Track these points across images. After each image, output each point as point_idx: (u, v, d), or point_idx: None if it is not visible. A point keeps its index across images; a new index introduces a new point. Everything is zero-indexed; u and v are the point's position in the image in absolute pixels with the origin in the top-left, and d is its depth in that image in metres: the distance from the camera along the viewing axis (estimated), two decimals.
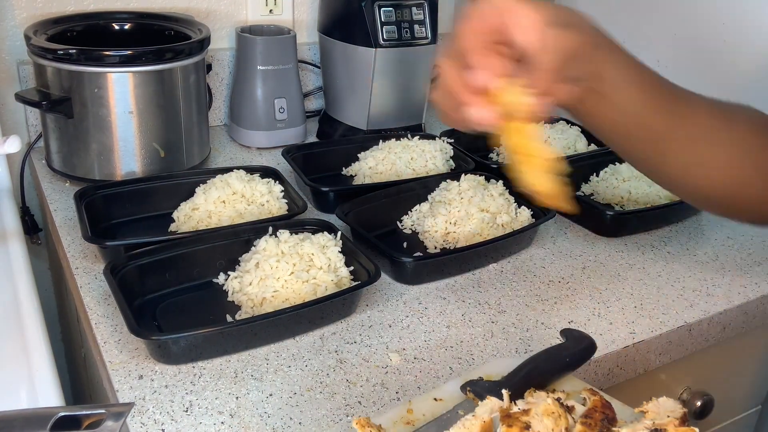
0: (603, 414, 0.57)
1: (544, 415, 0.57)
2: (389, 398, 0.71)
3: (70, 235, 0.96)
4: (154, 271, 0.84)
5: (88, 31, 1.14)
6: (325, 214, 1.04)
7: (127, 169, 1.08)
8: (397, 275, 0.91)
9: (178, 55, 1.06)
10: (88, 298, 0.84)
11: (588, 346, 0.69)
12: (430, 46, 1.29)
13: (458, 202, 1.01)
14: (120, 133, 1.05)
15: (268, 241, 0.87)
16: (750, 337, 1.01)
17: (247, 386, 0.71)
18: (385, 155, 1.16)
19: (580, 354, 0.69)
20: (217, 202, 0.97)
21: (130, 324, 0.71)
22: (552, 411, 0.57)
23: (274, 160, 1.22)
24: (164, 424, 0.66)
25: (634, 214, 1.07)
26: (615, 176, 1.16)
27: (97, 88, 1.02)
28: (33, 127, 1.22)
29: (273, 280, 0.82)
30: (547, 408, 0.58)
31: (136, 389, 0.70)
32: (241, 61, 1.27)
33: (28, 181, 1.20)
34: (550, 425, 0.56)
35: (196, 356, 0.74)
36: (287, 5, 1.38)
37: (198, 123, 1.15)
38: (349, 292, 0.81)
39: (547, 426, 0.56)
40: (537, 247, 1.02)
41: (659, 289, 0.93)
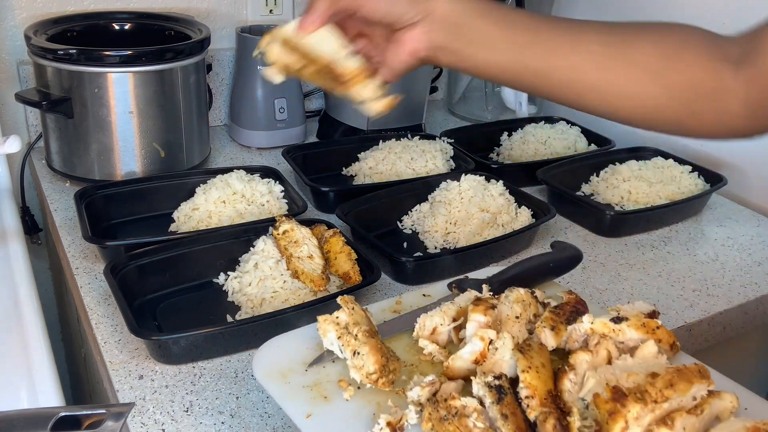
0: (574, 308, 0.60)
1: (514, 302, 0.61)
2: None
3: (70, 235, 0.96)
4: (154, 271, 0.84)
5: (88, 31, 1.14)
6: (325, 214, 1.04)
7: (127, 169, 1.08)
8: (397, 275, 0.91)
9: (178, 55, 1.06)
10: (88, 298, 0.84)
11: (573, 255, 0.72)
12: None
13: (458, 202, 1.01)
14: (120, 133, 1.05)
15: (266, 241, 0.87)
16: (750, 337, 1.01)
17: (248, 386, 0.71)
18: (385, 155, 1.16)
19: (565, 261, 0.72)
20: (217, 202, 0.97)
21: (130, 324, 0.71)
22: (522, 299, 0.62)
23: (274, 160, 1.22)
24: (164, 424, 0.66)
25: (634, 214, 1.07)
26: (615, 176, 1.16)
27: (97, 88, 1.02)
28: (33, 127, 1.22)
29: (272, 280, 0.82)
30: (518, 296, 0.62)
31: (136, 389, 0.70)
32: (241, 61, 1.27)
33: (28, 181, 1.20)
34: (518, 309, 0.60)
35: (196, 356, 0.74)
36: (287, 5, 1.38)
37: (198, 123, 1.15)
38: (349, 292, 0.81)
39: (516, 310, 0.60)
40: (537, 247, 1.02)
41: (659, 289, 0.93)
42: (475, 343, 0.57)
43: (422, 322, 0.62)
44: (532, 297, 0.63)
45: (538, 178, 1.12)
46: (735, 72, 0.60)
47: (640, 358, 0.54)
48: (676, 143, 1.31)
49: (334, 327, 0.59)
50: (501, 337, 0.56)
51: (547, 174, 1.12)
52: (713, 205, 1.18)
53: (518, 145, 1.29)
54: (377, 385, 0.56)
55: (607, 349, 0.55)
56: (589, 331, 0.57)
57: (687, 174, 1.16)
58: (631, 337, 0.56)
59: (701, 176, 1.17)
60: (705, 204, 1.16)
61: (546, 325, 0.58)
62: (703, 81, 0.62)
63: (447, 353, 0.60)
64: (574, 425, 0.49)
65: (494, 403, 0.51)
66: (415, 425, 0.53)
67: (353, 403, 0.56)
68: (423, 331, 0.62)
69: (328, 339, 0.59)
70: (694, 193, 1.13)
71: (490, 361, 0.56)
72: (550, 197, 1.13)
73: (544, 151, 1.27)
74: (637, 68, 0.64)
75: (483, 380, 0.53)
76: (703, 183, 1.16)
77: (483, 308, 0.60)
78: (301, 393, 0.57)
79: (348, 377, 0.58)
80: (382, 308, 0.67)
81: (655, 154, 1.23)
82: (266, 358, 0.61)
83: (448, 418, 0.51)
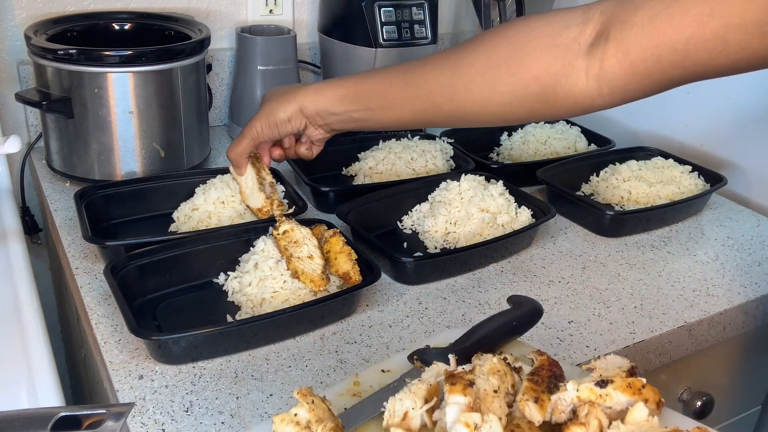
0: (550, 371, 0.57)
1: (490, 374, 0.56)
2: None
3: (70, 235, 0.96)
4: (154, 271, 0.84)
5: (88, 31, 1.14)
6: (325, 214, 1.04)
7: (127, 169, 1.08)
8: (397, 275, 0.91)
9: (178, 55, 1.06)
10: (88, 298, 0.84)
11: (532, 309, 0.68)
12: (431, 46, 1.29)
13: (458, 202, 1.01)
14: (120, 133, 1.05)
15: (266, 241, 0.87)
16: (750, 337, 1.01)
17: (248, 386, 0.71)
18: (385, 155, 1.16)
19: (526, 318, 0.68)
20: (216, 202, 0.97)
21: (130, 324, 0.71)
22: (497, 369, 0.57)
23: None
24: (165, 424, 0.66)
25: (634, 214, 1.07)
26: (615, 176, 1.16)
27: (97, 88, 1.02)
28: (33, 127, 1.22)
29: (272, 280, 0.82)
30: (492, 366, 0.57)
31: (136, 389, 0.70)
32: (241, 61, 1.27)
33: (28, 181, 1.20)
34: (495, 383, 0.55)
35: (196, 356, 0.74)
36: (287, 5, 1.38)
37: (198, 123, 1.15)
38: (349, 292, 0.81)
39: (493, 384, 0.55)
40: (537, 247, 1.02)
41: (659, 289, 0.93)
42: (460, 430, 0.50)
43: (391, 408, 0.55)
44: (505, 365, 0.58)
45: (538, 178, 1.12)
46: (588, 50, 0.61)
47: (633, 424, 0.51)
48: (676, 143, 1.31)
49: (294, 428, 0.52)
50: (486, 420, 0.51)
51: (547, 174, 1.12)
52: (713, 205, 1.18)
53: (518, 145, 1.29)
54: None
55: (597, 418, 0.51)
56: (576, 399, 0.52)
57: (687, 174, 1.16)
58: (618, 401, 0.52)
59: (701, 176, 1.17)
60: (705, 204, 1.16)
61: (528, 397, 0.53)
62: (546, 72, 0.64)
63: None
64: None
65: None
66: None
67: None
68: (393, 419, 0.55)
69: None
70: (694, 193, 1.13)
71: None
72: (550, 197, 1.13)
73: (544, 151, 1.27)
74: (474, 82, 0.68)
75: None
76: (703, 183, 1.16)
77: (461, 387, 0.53)
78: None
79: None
80: (340, 392, 0.60)
81: (655, 154, 1.23)
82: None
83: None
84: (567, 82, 0.63)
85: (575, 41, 0.62)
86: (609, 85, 0.62)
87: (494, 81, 0.67)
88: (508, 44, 0.66)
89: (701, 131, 1.29)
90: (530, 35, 0.65)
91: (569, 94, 0.64)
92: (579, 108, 0.66)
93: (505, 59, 0.66)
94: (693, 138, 1.30)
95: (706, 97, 1.27)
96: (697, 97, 1.28)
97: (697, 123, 1.29)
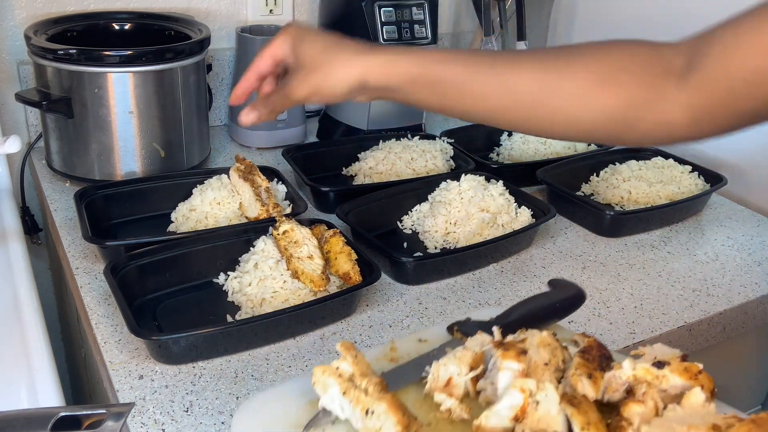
0: (600, 352, 0.54)
1: (540, 347, 0.54)
2: None
3: (70, 235, 0.96)
4: (154, 271, 0.84)
5: (88, 31, 1.14)
6: (325, 214, 1.04)
7: (127, 169, 1.08)
8: (397, 275, 0.91)
9: (178, 55, 1.06)
10: (88, 298, 0.84)
11: (576, 293, 0.67)
12: (430, 46, 1.29)
13: (458, 202, 1.01)
14: (120, 133, 1.05)
15: (266, 241, 0.87)
16: (750, 337, 1.01)
17: (248, 386, 0.71)
18: (385, 155, 1.16)
19: (569, 301, 0.67)
20: (213, 203, 0.97)
21: (130, 324, 0.71)
22: (548, 343, 0.54)
23: (274, 160, 1.22)
24: (164, 424, 0.66)
25: (634, 214, 1.07)
26: (615, 176, 1.16)
27: (97, 88, 1.02)
28: (33, 127, 1.22)
29: (272, 280, 0.82)
30: (542, 340, 0.54)
31: (136, 389, 0.70)
32: (241, 61, 1.27)
33: (28, 181, 1.20)
34: (546, 356, 0.53)
35: (196, 356, 0.74)
36: (287, 5, 1.38)
37: (198, 123, 1.15)
38: (349, 292, 0.81)
39: (543, 357, 0.53)
40: (537, 247, 1.02)
41: (659, 289, 0.93)
42: (515, 396, 0.48)
43: (435, 372, 0.53)
44: (555, 340, 0.55)
45: (538, 178, 1.12)
46: (677, 81, 0.60)
47: (689, 408, 0.49)
48: None
49: (337, 380, 0.50)
50: (542, 387, 0.48)
51: (547, 174, 1.12)
52: (713, 205, 1.18)
53: (518, 145, 1.29)
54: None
55: (653, 399, 0.50)
56: (631, 378, 0.51)
57: (687, 174, 1.16)
58: (674, 384, 0.51)
59: (701, 176, 1.17)
60: (705, 204, 1.16)
61: (582, 373, 0.51)
62: (640, 97, 0.62)
63: (467, 409, 0.52)
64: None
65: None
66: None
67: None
68: (437, 383, 0.53)
69: (328, 396, 0.50)
70: (694, 193, 1.13)
71: (533, 418, 0.48)
72: (550, 197, 1.13)
73: (544, 151, 1.27)
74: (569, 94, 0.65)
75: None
76: (703, 183, 1.16)
77: (514, 353, 0.52)
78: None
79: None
80: (377, 357, 0.59)
81: (655, 154, 1.22)
82: (249, 420, 0.52)
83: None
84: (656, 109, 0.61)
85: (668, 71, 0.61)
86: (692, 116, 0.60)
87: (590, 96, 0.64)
88: (612, 63, 0.64)
89: None
90: (633, 58, 0.64)
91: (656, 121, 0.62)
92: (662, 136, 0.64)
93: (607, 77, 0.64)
94: None
95: None
96: None
97: None
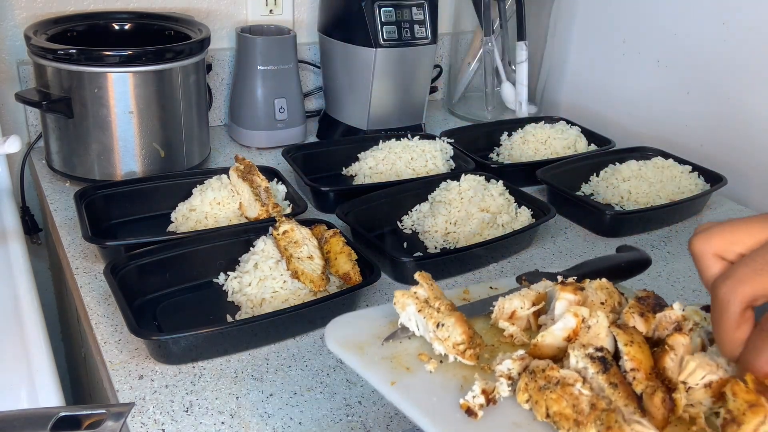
0: (656, 301, 0.58)
1: (598, 289, 0.60)
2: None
3: (70, 235, 0.96)
4: (154, 271, 0.84)
5: (88, 31, 1.14)
6: (325, 214, 1.04)
7: (127, 169, 1.08)
8: (397, 275, 0.91)
9: (178, 55, 1.06)
10: (88, 298, 0.84)
11: (642, 257, 0.73)
12: (430, 46, 1.29)
13: (458, 202, 1.01)
14: (120, 133, 1.05)
15: (266, 241, 0.87)
16: None
17: (248, 386, 0.71)
18: (385, 155, 1.16)
19: (635, 263, 0.72)
20: (213, 203, 0.97)
21: (130, 324, 0.71)
22: (605, 287, 0.60)
23: (274, 160, 1.23)
24: (164, 424, 0.66)
25: (634, 214, 1.07)
26: (615, 176, 1.16)
27: (97, 88, 1.02)
28: (33, 127, 1.22)
29: (272, 280, 0.82)
30: (600, 284, 0.61)
31: (136, 389, 0.70)
32: (241, 61, 1.27)
33: (28, 181, 1.20)
34: (602, 296, 0.59)
35: (196, 356, 0.74)
36: (287, 5, 1.38)
37: (198, 123, 1.15)
38: (349, 292, 0.81)
39: (600, 297, 0.59)
40: (537, 247, 1.02)
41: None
42: (568, 319, 0.55)
43: (501, 305, 0.60)
44: (613, 286, 0.61)
45: (538, 178, 1.12)
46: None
47: None
48: (676, 143, 1.31)
49: (414, 300, 0.58)
50: (594, 315, 0.55)
51: (547, 174, 1.12)
52: (713, 205, 1.18)
53: (518, 145, 1.29)
54: (464, 357, 0.55)
55: (700, 337, 0.53)
56: (680, 317, 0.55)
57: (687, 174, 1.16)
58: None
59: (701, 176, 1.17)
60: (705, 204, 1.16)
61: (634, 311, 0.57)
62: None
63: (528, 336, 0.59)
64: (681, 402, 0.48)
65: (599, 373, 0.49)
66: (507, 398, 0.51)
67: (438, 375, 0.54)
68: (502, 314, 0.60)
69: (406, 313, 0.58)
70: (694, 193, 1.13)
71: (584, 339, 0.54)
72: (550, 197, 1.13)
73: (544, 151, 1.27)
74: None
75: (583, 352, 0.51)
76: (703, 183, 1.16)
77: (572, 288, 0.59)
78: (381, 363, 0.55)
79: (429, 352, 0.56)
80: (450, 297, 0.65)
81: (655, 154, 1.22)
82: (339, 331, 0.59)
83: (548, 387, 0.49)
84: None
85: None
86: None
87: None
88: None
89: (701, 131, 1.29)
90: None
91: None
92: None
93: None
94: (693, 138, 1.30)
95: (706, 97, 1.27)
96: (697, 97, 1.28)
97: (697, 123, 1.29)
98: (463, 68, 1.54)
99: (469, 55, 1.53)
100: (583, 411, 0.47)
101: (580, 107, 1.54)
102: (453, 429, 0.48)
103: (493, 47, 1.44)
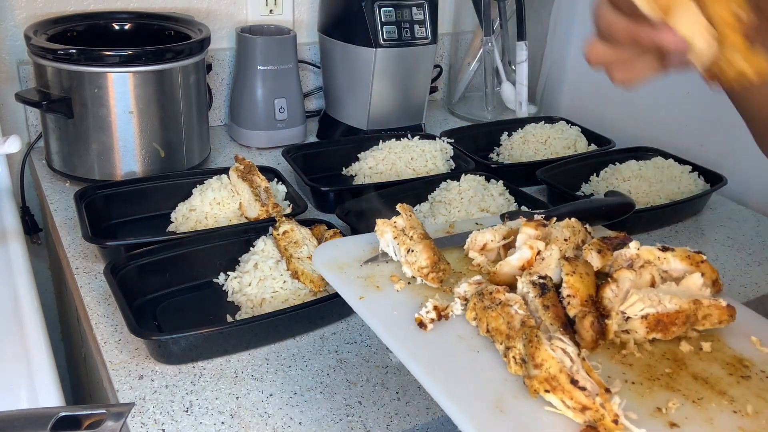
0: (622, 241, 0.62)
1: (564, 227, 0.64)
2: (389, 398, 0.71)
3: (70, 235, 0.96)
4: (154, 271, 0.84)
5: (88, 31, 1.14)
6: (325, 214, 1.04)
7: (127, 169, 1.08)
8: None
9: (178, 55, 1.06)
10: (88, 298, 0.84)
11: (624, 202, 0.76)
12: (430, 46, 1.29)
13: (458, 202, 1.01)
14: (120, 133, 1.05)
15: (266, 241, 0.87)
16: None
17: (248, 386, 0.71)
18: (385, 155, 1.16)
19: (617, 207, 0.76)
20: (213, 203, 0.97)
21: (130, 324, 0.71)
22: (572, 225, 0.65)
23: (274, 160, 1.23)
24: (164, 424, 0.66)
25: (634, 213, 1.07)
26: (615, 176, 1.16)
27: (97, 88, 1.02)
28: (33, 127, 1.22)
29: (272, 280, 0.82)
30: (568, 222, 0.65)
31: (136, 389, 0.70)
32: (241, 61, 1.27)
33: (28, 181, 1.20)
34: (567, 233, 0.64)
35: (196, 356, 0.74)
36: (287, 5, 1.38)
37: (198, 123, 1.15)
38: None
39: (565, 234, 0.64)
40: None
41: None
42: (524, 251, 0.59)
43: (474, 238, 0.66)
44: (581, 225, 0.65)
45: (538, 178, 1.12)
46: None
47: (684, 287, 0.56)
48: (677, 143, 1.31)
49: (392, 229, 0.63)
50: (549, 248, 0.59)
51: (547, 174, 1.12)
52: (713, 205, 1.18)
53: (518, 145, 1.29)
54: (427, 280, 0.60)
55: (651, 274, 0.57)
56: (635, 255, 0.58)
57: (687, 174, 1.16)
58: (675, 268, 0.58)
59: (701, 176, 1.17)
60: (705, 204, 1.16)
61: (593, 248, 0.60)
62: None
63: (493, 265, 0.63)
64: (612, 327, 0.51)
65: (536, 297, 0.54)
66: (459, 316, 0.57)
67: (403, 294, 0.61)
68: (474, 246, 0.65)
69: (384, 240, 0.63)
70: (694, 193, 1.13)
71: (536, 269, 0.58)
72: (550, 197, 1.13)
73: (544, 151, 1.27)
74: None
75: (528, 278, 0.55)
76: (703, 183, 1.16)
77: (534, 224, 0.63)
78: (356, 281, 0.62)
79: (400, 274, 0.62)
80: (435, 230, 0.71)
81: (655, 154, 1.22)
82: (326, 253, 0.67)
83: (491, 306, 0.54)
84: None
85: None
86: None
87: None
88: None
89: (701, 131, 1.29)
90: None
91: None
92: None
93: None
94: (693, 138, 1.30)
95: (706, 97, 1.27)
96: (697, 97, 1.28)
97: (697, 123, 1.29)
98: (463, 68, 1.54)
99: (469, 55, 1.53)
100: (515, 327, 0.52)
101: (580, 107, 1.54)
102: (403, 337, 0.55)
103: (493, 47, 1.44)
